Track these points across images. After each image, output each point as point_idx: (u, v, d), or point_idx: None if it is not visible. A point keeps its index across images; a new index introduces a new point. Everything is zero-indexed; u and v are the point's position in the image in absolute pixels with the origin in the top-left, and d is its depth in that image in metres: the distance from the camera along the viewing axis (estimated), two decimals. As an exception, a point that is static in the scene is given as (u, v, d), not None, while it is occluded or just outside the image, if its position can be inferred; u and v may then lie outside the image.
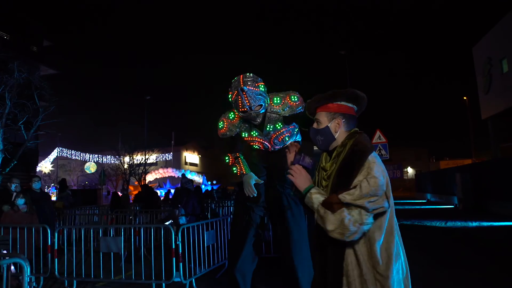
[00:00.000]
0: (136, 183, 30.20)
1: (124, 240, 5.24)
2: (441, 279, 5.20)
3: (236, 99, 3.08)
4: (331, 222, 1.70)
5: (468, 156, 41.89)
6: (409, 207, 19.25)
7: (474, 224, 10.93)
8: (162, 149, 42.28)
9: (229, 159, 3.51)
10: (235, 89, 3.08)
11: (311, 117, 2.06)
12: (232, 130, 3.42)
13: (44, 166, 38.21)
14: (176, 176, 36.58)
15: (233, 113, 3.40)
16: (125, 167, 30.85)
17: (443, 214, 14.55)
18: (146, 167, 32.40)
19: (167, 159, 45.43)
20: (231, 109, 3.36)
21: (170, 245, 4.96)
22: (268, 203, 3.41)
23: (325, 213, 1.73)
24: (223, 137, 3.47)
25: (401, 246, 1.81)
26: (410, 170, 54.61)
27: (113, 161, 35.02)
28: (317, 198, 1.81)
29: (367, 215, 1.68)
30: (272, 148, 3.39)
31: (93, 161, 39.20)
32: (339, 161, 1.84)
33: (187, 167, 48.26)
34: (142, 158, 31.52)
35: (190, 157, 53.88)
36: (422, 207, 19.32)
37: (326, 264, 1.85)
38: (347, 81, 22.72)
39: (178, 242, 4.86)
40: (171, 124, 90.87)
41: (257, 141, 3.38)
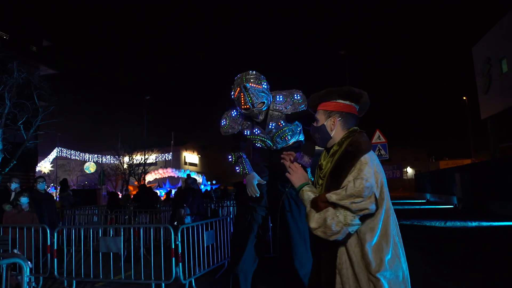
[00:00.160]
0: (136, 183, 30.19)
1: (123, 240, 5.24)
2: (440, 279, 5.20)
3: (239, 96, 3.07)
4: (315, 220, 1.72)
5: (467, 156, 41.95)
6: (409, 207, 19.26)
7: (474, 224, 10.94)
8: (162, 149, 42.29)
9: (232, 157, 3.51)
10: (238, 86, 3.08)
11: (314, 114, 2.06)
12: (234, 127, 3.41)
13: (44, 166, 38.18)
14: (176, 176, 36.55)
15: (235, 110, 3.39)
16: (124, 167, 30.85)
17: (442, 214, 14.56)
18: (145, 167, 32.40)
19: (167, 159, 45.44)
20: (233, 106, 3.35)
21: (169, 245, 4.96)
22: (270, 203, 3.40)
23: (310, 211, 1.76)
24: (225, 134, 3.46)
25: (401, 248, 1.79)
26: (409, 170, 54.65)
27: (112, 161, 35.04)
28: (308, 195, 1.83)
29: (352, 216, 1.67)
30: (274, 147, 3.38)
31: (92, 161, 39.18)
32: (334, 160, 1.84)
33: (187, 167, 48.23)
34: (142, 158, 31.53)
35: (190, 157, 53.87)
36: (422, 207, 19.33)
37: (321, 262, 1.86)
38: (346, 81, 22.73)
39: (178, 242, 4.86)
40: (170, 124, 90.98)
41: (259, 139, 3.37)
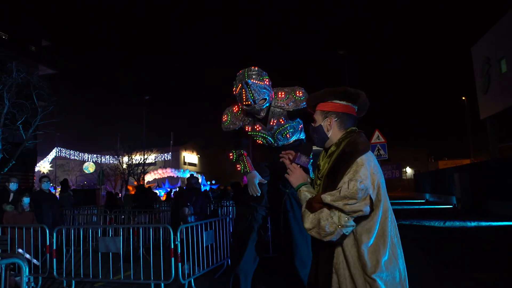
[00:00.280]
0: (135, 183, 30.17)
1: (122, 240, 5.23)
2: (439, 279, 5.20)
3: (240, 92, 3.07)
4: (309, 221, 1.73)
5: (466, 156, 42.03)
6: (408, 207, 19.27)
7: (473, 224, 10.95)
8: (161, 149, 42.26)
9: (233, 155, 3.50)
10: (240, 82, 3.07)
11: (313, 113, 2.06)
12: (235, 123, 3.41)
13: (43, 166, 38.11)
14: (175, 176, 36.53)
15: (237, 106, 3.38)
16: (123, 167, 30.81)
17: (441, 214, 14.57)
18: (144, 167, 32.37)
19: (166, 159, 45.43)
20: (235, 102, 3.34)
21: (169, 245, 4.96)
22: (271, 203, 3.38)
23: (305, 211, 1.77)
24: (226, 130, 3.46)
25: (399, 249, 1.79)
26: (408, 170, 54.70)
27: (111, 161, 34.98)
28: (305, 195, 1.84)
29: (346, 217, 1.67)
30: (275, 144, 3.35)
31: (91, 161, 39.13)
32: (331, 161, 1.84)
33: (186, 167, 48.21)
34: (141, 158, 31.50)
35: (189, 157, 53.87)
36: (421, 207, 19.34)
37: (318, 261, 1.87)
38: (346, 81, 22.74)
39: (177, 242, 4.86)
40: (170, 124, 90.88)
41: (260, 136, 3.35)
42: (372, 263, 1.69)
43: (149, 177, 35.56)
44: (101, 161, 39.98)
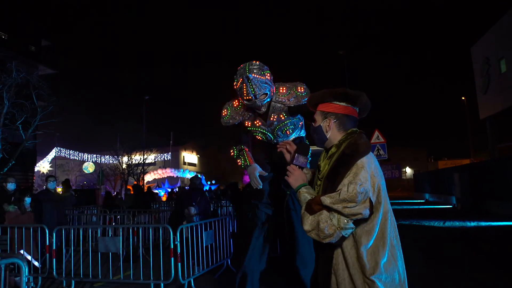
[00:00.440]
0: (135, 183, 30.14)
1: (122, 240, 5.23)
2: (439, 279, 5.20)
3: (241, 87, 3.03)
4: (308, 223, 1.73)
5: (466, 156, 42.02)
6: (408, 207, 19.28)
7: (472, 224, 10.96)
8: (161, 149, 42.21)
9: (234, 151, 3.45)
10: (241, 76, 3.04)
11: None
12: (235, 118, 3.37)
13: (42, 166, 38.05)
14: (175, 176, 36.51)
15: (237, 100, 3.35)
16: (123, 167, 30.79)
17: (441, 214, 14.58)
18: (144, 167, 32.35)
19: (166, 159, 45.36)
20: (235, 97, 3.30)
21: (168, 245, 4.95)
22: (273, 201, 3.34)
23: (304, 213, 1.76)
24: (226, 125, 3.42)
25: (398, 251, 1.79)
26: (408, 170, 54.70)
27: (111, 161, 34.94)
28: (305, 197, 1.84)
29: (345, 220, 1.67)
30: (275, 140, 3.32)
31: (91, 161, 39.07)
32: (331, 162, 1.83)
33: (186, 167, 48.20)
34: (141, 158, 31.47)
35: (189, 157, 53.84)
36: (421, 207, 19.35)
37: (318, 262, 1.87)
38: (346, 81, 22.73)
39: (177, 242, 4.86)
40: (169, 124, 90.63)
41: (260, 132, 3.31)
42: (371, 265, 1.69)
43: (148, 177, 35.54)
44: (100, 161, 39.92)
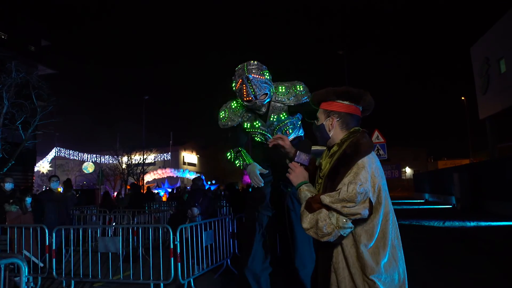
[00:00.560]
0: (135, 183, 30.12)
1: (122, 240, 5.23)
2: (439, 279, 5.21)
3: (241, 88, 2.98)
4: (307, 221, 1.73)
5: (466, 156, 42.05)
6: (407, 207, 19.29)
7: (472, 224, 10.96)
8: (161, 149, 42.20)
9: (231, 154, 3.34)
10: (240, 77, 2.98)
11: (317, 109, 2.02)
12: (234, 120, 3.29)
13: (42, 166, 38.04)
14: (175, 176, 36.50)
15: (235, 102, 3.28)
16: (123, 167, 30.78)
17: (441, 214, 14.59)
18: (144, 167, 32.34)
19: (166, 159, 45.35)
20: (233, 98, 3.24)
21: (168, 245, 4.95)
22: (274, 203, 3.29)
23: (303, 211, 1.77)
24: (224, 127, 3.34)
25: (399, 251, 1.79)
26: (408, 170, 54.71)
27: (111, 161, 34.92)
28: (305, 195, 1.84)
29: (344, 219, 1.67)
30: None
31: (91, 161, 39.07)
32: (333, 161, 1.83)
33: (185, 167, 48.18)
34: (140, 158, 31.46)
35: (189, 157, 53.81)
36: (420, 207, 19.36)
37: (318, 261, 1.88)
38: (345, 81, 22.74)
39: (177, 242, 4.86)
40: (169, 124, 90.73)
41: (259, 133, 3.26)
42: (372, 265, 1.70)
43: (148, 177, 35.54)
44: (100, 161, 39.91)
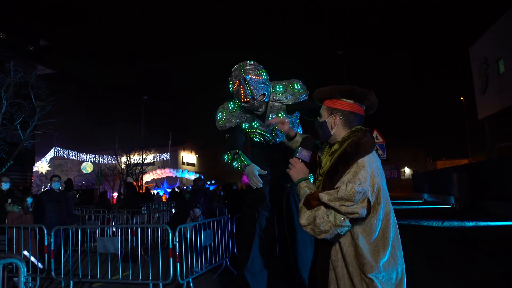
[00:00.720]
0: (134, 183, 30.11)
1: (121, 240, 5.22)
2: (438, 279, 5.21)
3: (238, 89, 2.95)
4: (305, 217, 1.74)
5: (465, 156, 42.12)
6: (406, 207, 19.30)
7: (471, 224, 10.97)
8: (160, 149, 42.16)
9: (228, 156, 3.23)
10: (237, 78, 2.95)
11: (321, 105, 2.02)
12: (231, 121, 3.25)
13: (41, 166, 38.00)
14: (174, 176, 36.49)
15: (232, 103, 3.24)
16: (122, 167, 30.75)
17: (440, 214, 14.60)
18: (143, 167, 32.32)
19: (165, 159, 45.32)
20: (229, 98, 3.21)
21: (167, 245, 4.95)
22: (274, 202, 3.27)
23: (302, 207, 1.78)
24: (222, 129, 3.30)
25: (398, 251, 1.80)
26: (407, 170, 54.74)
27: (110, 161, 34.89)
28: (304, 191, 1.85)
29: (342, 217, 1.68)
30: (273, 141, 3.23)
31: (90, 161, 39.03)
32: (333, 159, 1.84)
33: (185, 167, 48.16)
34: (139, 158, 31.44)
35: (188, 157, 53.80)
36: (419, 207, 19.37)
37: (317, 258, 1.89)
38: (344, 81, 22.77)
39: (176, 242, 4.85)
40: (168, 124, 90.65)
41: (258, 133, 3.23)
42: (371, 264, 1.70)
43: (147, 177, 35.52)
44: (99, 161, 39.86)
